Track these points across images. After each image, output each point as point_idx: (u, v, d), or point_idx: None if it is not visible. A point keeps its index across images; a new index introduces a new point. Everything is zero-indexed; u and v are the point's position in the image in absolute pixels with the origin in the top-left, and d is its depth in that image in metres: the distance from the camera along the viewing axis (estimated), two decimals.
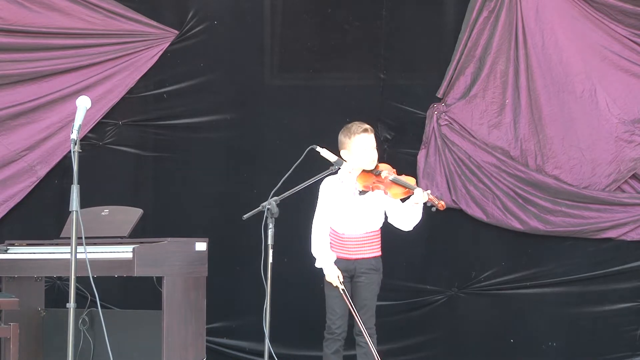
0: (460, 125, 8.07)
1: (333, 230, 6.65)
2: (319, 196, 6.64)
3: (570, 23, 7.99)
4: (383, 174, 6.49)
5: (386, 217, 6.66)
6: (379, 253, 6.66)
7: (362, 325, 6.48)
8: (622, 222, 7.89)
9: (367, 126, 6.62)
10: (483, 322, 8.12)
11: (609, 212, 7.91)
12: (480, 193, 8.01)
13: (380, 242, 6.67)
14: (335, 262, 6.61)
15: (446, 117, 8.09)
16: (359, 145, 6.53)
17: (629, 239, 7.90)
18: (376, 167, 6.57)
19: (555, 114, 7.97)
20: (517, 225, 7.96)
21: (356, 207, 6.57)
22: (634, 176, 7.93)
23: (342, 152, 6.54)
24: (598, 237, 7.94)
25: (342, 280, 6.51)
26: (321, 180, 6.58)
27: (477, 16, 8.04)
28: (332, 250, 6.64)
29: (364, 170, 6.54)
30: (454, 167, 8.05)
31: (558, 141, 7.97)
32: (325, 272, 6.55)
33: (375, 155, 6.57)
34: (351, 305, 6.48)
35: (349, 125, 6.60)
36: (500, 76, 8.03)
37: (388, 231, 6.74)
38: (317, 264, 6.59)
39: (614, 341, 7.91)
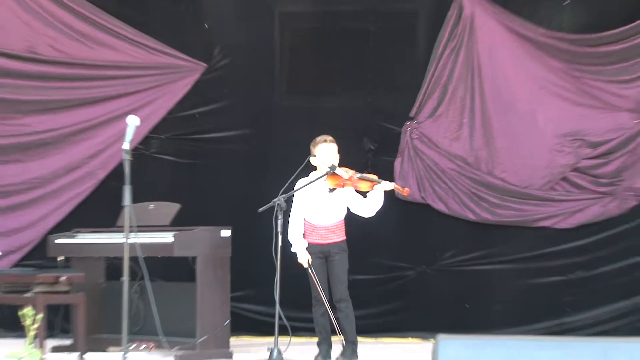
0: (428, 138, 8.14)
1: (308, 222, 6.68)
2: (295, 195, 6.65)
3: (516, 59, 8.08)
4: (347, 174, 6.51)
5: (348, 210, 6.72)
6: (345, 237, 6.71)
7: (325, 298, 6.54)
8: (553, 214, 8.06)
9: (329, 137, 6.65)
10: (445, 292, 8.19)
11: (543, 207, 8.07)
12: (443, 191, 8.13)
13: (344, 228, 6.73)
14: (312, 247, 6.66)
15: (417, 132, 8.16)
16: (321, 152, 6.59)
17: (558, 227, 8.07)
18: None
19: (502, 130, 8.07)
20: (471, 216, 8.10)
21: (326, 202, 6.65)
22: (563, 178, 8.04)
23: (311, 158, 6.60)
24: (535, 225, 8.10)
25: (310, 262, 6.57)
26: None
27: (442, 52, 8.11)
28: (309, 238, 6.68)
29: (331, 175, 6.52)
30: (423, 171, 8.15)
31: (505, 151, 8.08)
32: (297, 255, 6.62)
33: (335, 160, 6.59)
34: (317, 283, 6.54)
35: (316, 137, 6.66)
36: (459, 100, 8.12)
37: (370, 221, 6.79)
38: (292, 249, 6.62)
39: (547, 306, 8.06)
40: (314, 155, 6.66)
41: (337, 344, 6.74)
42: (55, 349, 7.21)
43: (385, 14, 8.42)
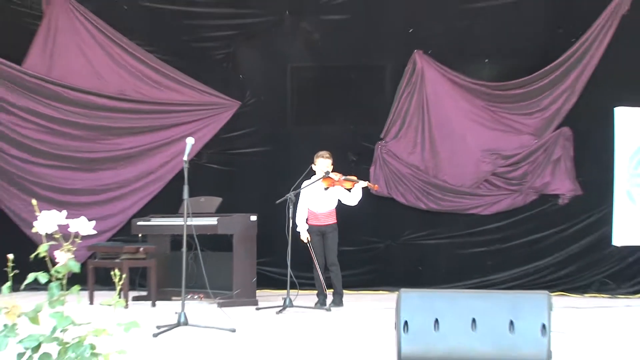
0: (393, 153, 8.11)
1: (310, 210, 6.74)
2: (301, 192, 6.67)
3: (452, 98, 8.06)
4: (337, 177, 6.63)
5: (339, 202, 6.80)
6: (336, 221, 6.79)
7: (318, 265, 6.59)
8: (479, 205, 8.05)
9: (327, 153, 6.67)
10: (405, 259, 8.14)
11: (472, 200, 8.06)
12: (403, 189, 8.10)
13: (335, 214, 6.77)
14: (312, 227, 6.69)
15: (385, 149, 8.12)
16: (320, 163, 6.67)
17: (482, 214, 8.06)
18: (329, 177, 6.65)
19: (444, 147, 8.07)
20: (422, 206, 8.08)
21: (323, 197, 6.73)
22: (486, 180, 8.02)
23: (313, 166, 6.64)
24: (466, 212, 8.08)
25: (309, 240, 6.61)
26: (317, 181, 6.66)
27: (402, 94, 8.10)
28: (311, 221, 6.73)
29: (325, 178, 6.62)
30: (389, 175, 8.11)
31: (446, 162, 8.07)
32: (300, 234, 6.68)
33: (329, 169, 6.63)
34: (313, 254, 6.59)
35: (318, 152, 6.72)
36: (414, 127, 8.10)
37: (353, 209, 6.84)
38: (297, 229, 6.65)
39: (474, 268, 8.01)
40: (315, 164, 6.70)
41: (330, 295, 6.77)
42: (135, 298, 7.22)
43: (363, 68, 8.39)
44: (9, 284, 3.10)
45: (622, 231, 7.72)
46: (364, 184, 6.71)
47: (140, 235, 7.38)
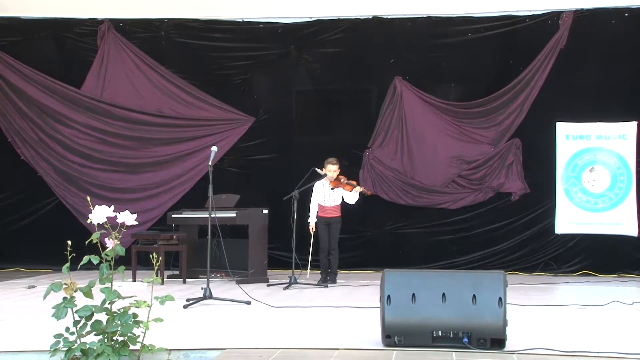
0: (378, 159, 8.04)
1: (320, 204, 6.68)
2: (313, 189, 6.68)
3: (425, 114, 8.01)
4: (342, 180, 6.63)
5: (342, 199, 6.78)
6: (340, 214, 6.76)
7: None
8: (448, 201, 7.99)
9: (334, 160, 6.65)
10: (387, 245, 8.01)
11: (442, 197, 8.00)
12: (386, 187, 8.02)
13: (340, 209, 6.76)
14: (321, 218, 6.63)
15: (372, 155, 8.04)
16: (327, 168, 6.60)
17: (451, 208, 7.98)
18: (338, 177, 6.64)
19: (418, 154, 8.02)
20: (402, 202, 8.02)
21: (330, 194, 6.68)
22: (453, 181, 7.97)
23: (319, 170, 6.59)
24: (437, 207, 8.00)
25: (314, 230, 6.59)
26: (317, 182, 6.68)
27: (385, 111, 8.05)
28: (320, 213, 6.66)
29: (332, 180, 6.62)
30: (375, 177, 8.04)
31: (420, 166, 8.01)
32: (310, 223, 6.68)
33: (335, 173, 6.63)
34: (312, 241, 6.58)
35: (327, 158, 6.71)
36: (395, 138, 8.04)
37: (348, 205, 6.78)
38: (308, 220, 6.64)
39: (443, 252, 7.93)
40: (325, 168, 6.67)
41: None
42: (169, 277, 7.12)
43: (354, 90, 8.34)
44: (67, 264, 3.11)
45: (562, 222, 7.81)
46: (360, 189, 6.69)
47: (173, 225, 7.34)
